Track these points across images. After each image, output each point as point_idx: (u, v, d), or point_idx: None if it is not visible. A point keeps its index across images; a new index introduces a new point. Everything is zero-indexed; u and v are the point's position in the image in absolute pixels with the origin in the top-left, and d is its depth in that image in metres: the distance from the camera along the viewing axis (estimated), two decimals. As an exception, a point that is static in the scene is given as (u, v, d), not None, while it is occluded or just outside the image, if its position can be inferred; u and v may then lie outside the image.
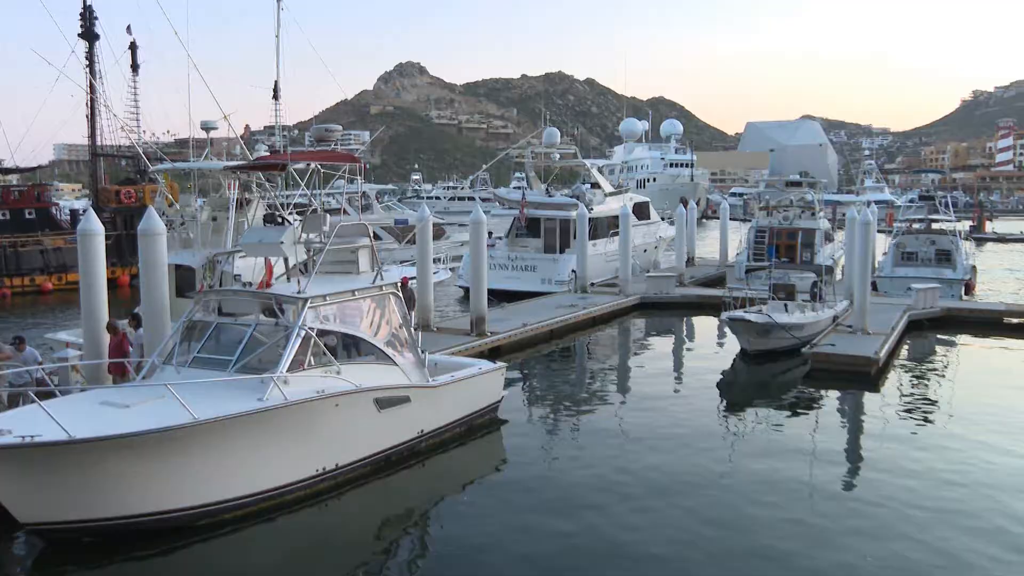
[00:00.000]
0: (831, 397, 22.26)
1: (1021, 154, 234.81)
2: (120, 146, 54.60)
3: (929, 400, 21.89)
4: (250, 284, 16.39)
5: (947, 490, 15.12)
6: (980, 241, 70.93)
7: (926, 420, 19.93)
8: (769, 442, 18.33)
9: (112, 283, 43.44)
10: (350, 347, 15.94)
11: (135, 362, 16.37)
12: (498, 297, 31.53)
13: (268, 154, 35.32)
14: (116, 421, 12.24)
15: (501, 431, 18.84)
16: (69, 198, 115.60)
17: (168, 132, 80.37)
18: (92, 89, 49.35)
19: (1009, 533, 13.30)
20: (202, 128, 27.80)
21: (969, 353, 28.54)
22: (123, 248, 46.00)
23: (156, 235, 17.61)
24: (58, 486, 11.88)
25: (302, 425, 14.02)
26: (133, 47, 55.94)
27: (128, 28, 54.59)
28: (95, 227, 17.59)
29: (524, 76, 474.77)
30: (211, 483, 13.03)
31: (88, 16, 50.86)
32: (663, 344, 31.31)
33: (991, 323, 31.76)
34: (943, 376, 24.91)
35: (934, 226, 43.01)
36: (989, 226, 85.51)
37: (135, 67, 56.26)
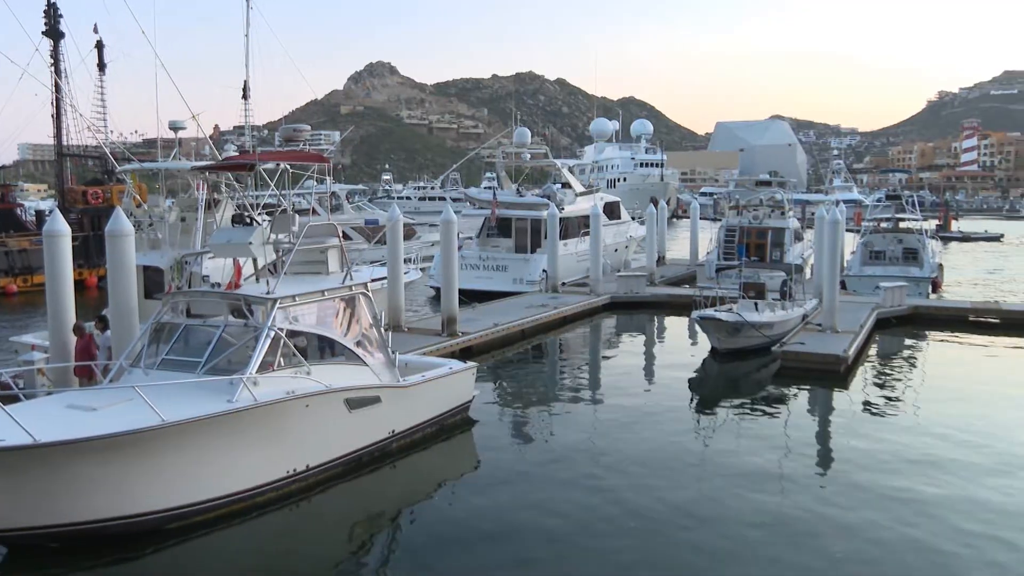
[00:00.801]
0: (801, 395, 22.43)
1: (985, 154, 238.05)
2: (87, 146, 53.98)
3: (897, 397, 22.11)
4: (219, 285, 16.24)
5: (915, 484, 15.26)
6: (946, 240, 71.71)
7: (894, 417, 20.13)
8: (740, 439, 18.43)
9: (79, 285, 42.90)
10: (320, 348, 15.88)
11: (102, 365, 16.20)
12: (469, 297, 31.50)
13: (237, 154, 35.08)
14: (83, 424, 12.10)
15: (472, 431, 18.83)
16: (34, 199, 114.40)
17: (136, 132, 79.76)
18: (57, 88, 48.73)
19: (976, 524, 13.46)
20: (170, 128, 27.59)
21: (936, 350, 28.86)
22: (90, 249, 45.46)
23: (124, 236, 17.44)
24: (23, 491, 11.71)
25: (272, 426, 13.94)
26: (100, 46, 55.38)
27: (95, 27, 54.06)
28: (61, 228, 17.40)
29: (495, 76, 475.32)
30: (181, 486, 12.91)
31: (52, 14, 50.23)
32: (634, 343, 31.41)
33: (957, 321, 32.14)
34: (911, 373, 25.18)
35: (901, 225, 43.49)
36: (955, 225, 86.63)
37: (102, 66, 55.69)
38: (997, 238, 79.57)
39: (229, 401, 13.28)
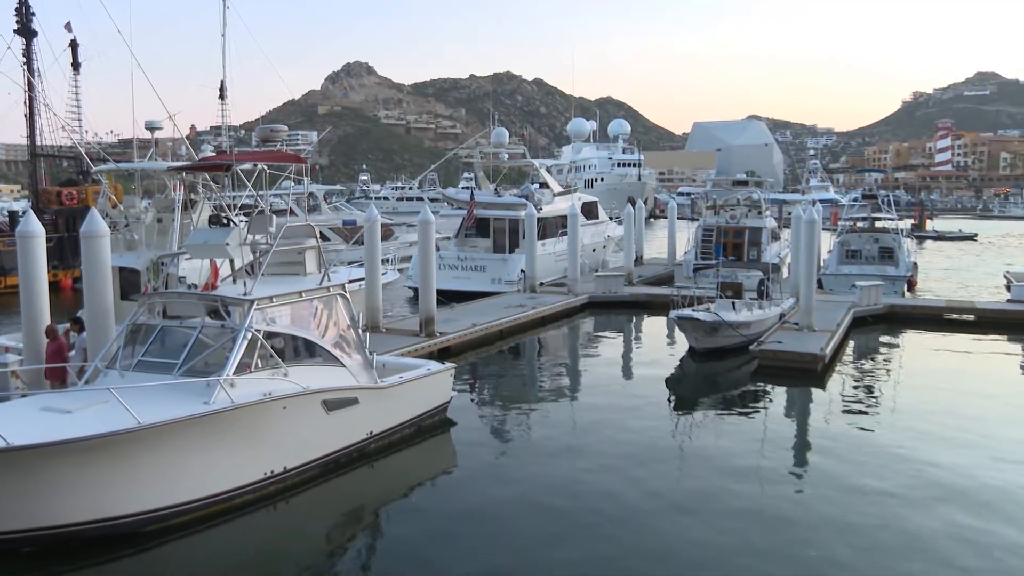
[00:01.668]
0: (778, 393, 22.55)
1: (959, 154, 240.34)
2: (61, 146, 53.47)
3: (873, 395, 22.29)
4: (195, 286, 16.17)
5: (890, 480, 15.38)
6: (921, 239, 72.34)
7: (871, 414, 20.28)
8: (718, 438, 18.51)
9: (54, 286, 42.51)
10: (298, 349, 15.81)
11: (77, 367, 16.07)
12: (447, 297, 31.46)
13: (214, 154, 34.91)
14: (57, 427, 11.99)
15: (450, 432, 18.81)
16: (8, 199, 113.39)
17: (111, 132, 78.91)
18: (30, 87, 48.26)
19: (953, 517, 13.59)
20: (146, 128, 27.40)
21: (912, 348, 29.08)
22: (65, 250, 45.07)
23: (99, 237, 17.30)
24: (-3, 494, 11.61)
25: (249, 428, 13.87)
26: (74, 45, 54.82)
27: (68, 25, 53.42)
28: (35, 229, 17.25)
29: (472, 76, 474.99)
30: (157, 489, 12.83)
31: (24, 12, 49.70)
32: (612, 343, 31.48)
33: (932, 319, 32.41)
34: (887, 371, 25.38)
35: (877, 224, 43.79)
36: (929, 224, 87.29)
37: (76, 65, 55.18)
38: (971, 237, 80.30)
39: (206, 403, 13.21)
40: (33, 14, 50.27)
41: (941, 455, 16.97)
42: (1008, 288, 36.55)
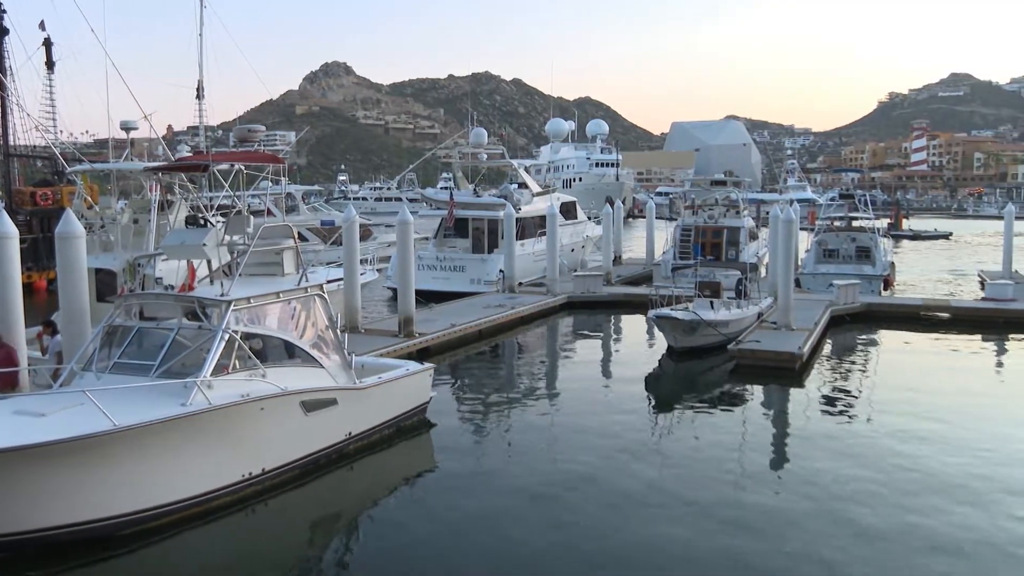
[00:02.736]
0: (756, 392, 22.65)
1: (934, 154, 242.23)
2: (35, 146, 52.93)
3: (851, 393, 22.44)
4: (172, 287, 16.06)
5: (868, 477, 15.49)
6: (897, 238, 72.78)
7: (848, 412, 20.42)
8: (696, 436, 18.59)
9: (28, 288, 42.16)
10: (275, 350, 15.74)
11: (51, 370, 15.93)
12: (426, 298, 31.42)
13: (191, 155, 34.74)
14: (31, 430, 11.86)
15: (429, 433, 18.78)
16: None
17: (87, 132, 78.21)
18: (2, 86, 47.78)
19: (929, 513, 13.70)
20: (122, 128, 27.25)
21: (888, 346, 29.29)
22: (40, 252, 44.64)
23: (74, 238, 17.18)
24: (-31, 499, 11.48)
25: (227, 429, 13.79)
26: (47, 43, 54.12)
27: (42, 24, 52.81)
28: (9, 230, 17.06)
29: (451, 76, 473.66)
30: (133, 491, 12.73)
31: (-5, 9, 49.18)
32: (591, 343, 31.53)
33: (909, 317, 32.63)
34: (864, 369, 25.56)
35: (854, 224, 44.06)
36: (906, 224, 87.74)
37: (50, 64, 54.53)
38: (946, 236, 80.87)
39: (183, 404, 13.12)
40: (4, 11, 49.74)
41: (918, 451, 17.11)
42: (982, 286, 36.87)
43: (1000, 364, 27.00)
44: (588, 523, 13.65)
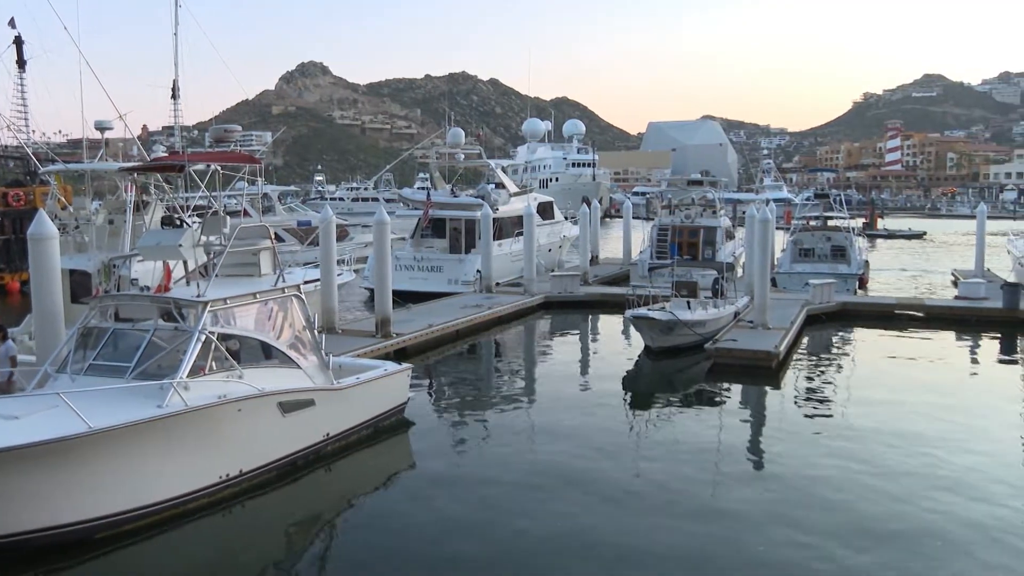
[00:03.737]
0: (733, 391, 22.75)
1: (908, 154, 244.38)
2: (7, 146, 52.42)
3: (827, 391, 22.62)
4: (148, 288, 15.96)
5: (844, 474, 15.61)
6: (872, 238, 73.38)
7: (825, 410, 20.59)
8: (673, 435, 18.65)
9: (1, 290, 41.77)
10: (252, 351, 15.67)
11: (4, 376, 15.68)
12: (404, 298, 31.36)
13: (166, 155, 34.54)
14: (4, 433, 11.74)
15: (407, 433, 18.77)
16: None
17: (60, 132, 77.47)
18: (-29, 85, 47.27)
19: (904, 511, 13.82)
20: (96, 128, 27.04)
21: (864, 344, 29.52)
22: (12, 253, 44.23)
23: (47, 239, 17.03)
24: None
25: (204, 431, 13.72)
26: (18, 41, 53.54)
27: (11, 21, 52.20)
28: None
29: (428, 76, 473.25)
30: (109, 494, 12.64)
31: (-34, 9, 48.68)
32: (568, 342, 31.58)
33: (883, 315, 32.91)
34: (840, 367, 25.73)
35: (830, 223, 44.42)
36: (880, 223, 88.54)
37: (21, 63, 54.01)
38: (920, 235, 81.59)
39: (159, 406, 13.04)
40: (-28, 10, 49.26)
41: (893, 446, 17.27)
42: (955, 285, 37.19)
43: (974, 361, 27.29)
44: (566, 521, 13.68)
